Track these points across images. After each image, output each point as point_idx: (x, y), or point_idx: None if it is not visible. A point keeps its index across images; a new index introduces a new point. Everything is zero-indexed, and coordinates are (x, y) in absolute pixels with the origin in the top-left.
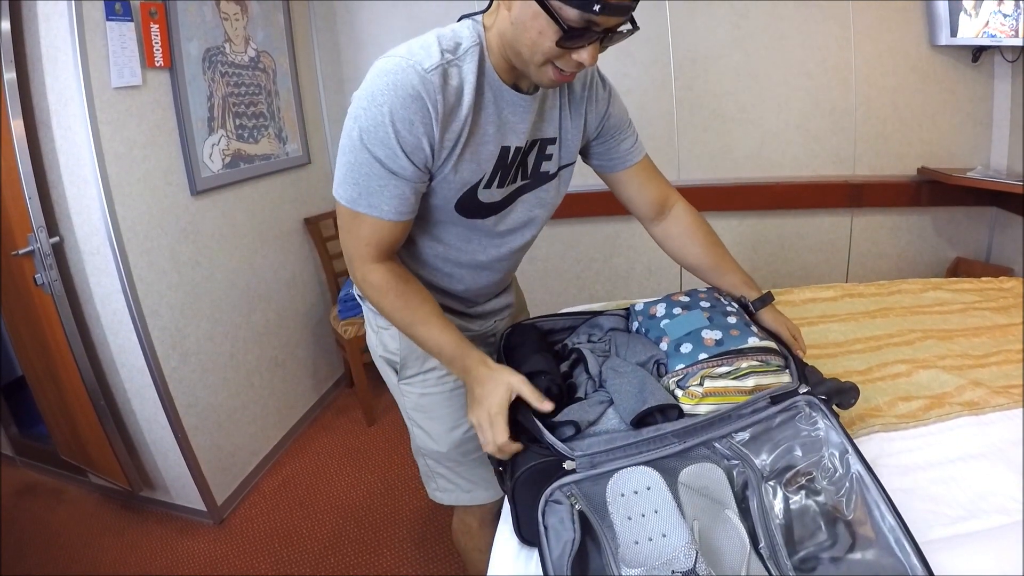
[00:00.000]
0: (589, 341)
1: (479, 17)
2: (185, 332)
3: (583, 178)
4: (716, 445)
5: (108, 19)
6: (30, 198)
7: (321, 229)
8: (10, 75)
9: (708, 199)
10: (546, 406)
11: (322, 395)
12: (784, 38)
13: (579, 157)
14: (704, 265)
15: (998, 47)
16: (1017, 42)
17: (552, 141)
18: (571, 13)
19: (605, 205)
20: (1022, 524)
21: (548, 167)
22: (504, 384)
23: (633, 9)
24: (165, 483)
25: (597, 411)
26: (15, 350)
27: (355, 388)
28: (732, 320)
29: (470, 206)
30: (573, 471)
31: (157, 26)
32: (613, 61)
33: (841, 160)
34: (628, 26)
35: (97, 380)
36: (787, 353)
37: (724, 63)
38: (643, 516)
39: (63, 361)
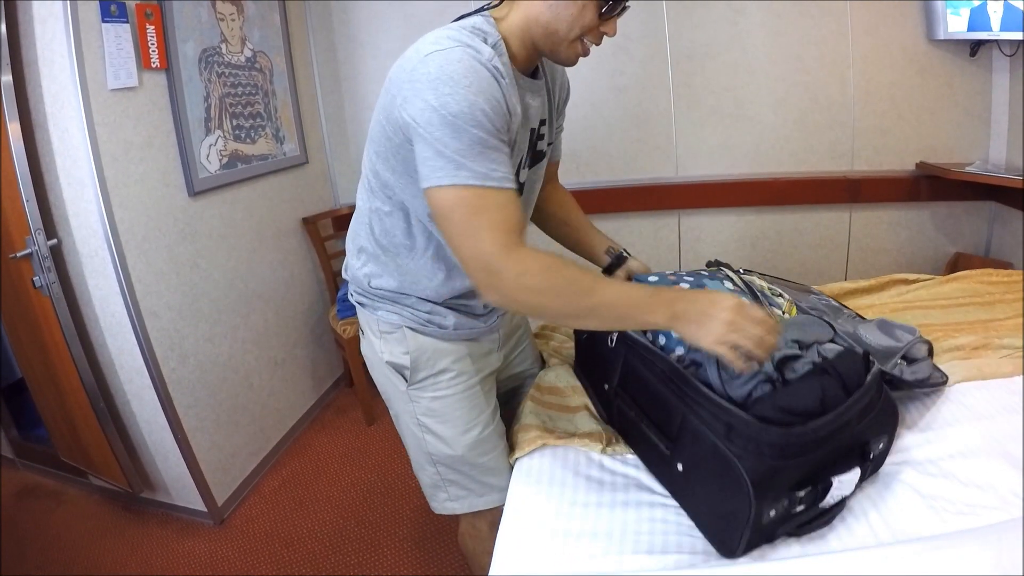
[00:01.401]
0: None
1: (487, 13)
2: (184, 333)
3: (582, 176)
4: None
5: (104, 21)
6: (27, 200)
7: (319, 228)
8: (6, 78)
9: (706, 196)
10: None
11: (321, 395)
12: (781, 34)
13: None
14: (571, 222)
15: (996, 41)
16: (1016, 35)
17: (544, 122)
18: None
19: (605, 203)
20: (1022, 519)
21: (542, 145)
22: (713, 292)
23: None
24: (165, 484)
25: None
26: (14, 352)
27: (355, 388)
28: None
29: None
30: None
31: (153, 27)
32: (610, 58)
33: (839, 155)
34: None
35: (96, 382)
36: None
37: (721, 59)
38: None
39: (62, 363)
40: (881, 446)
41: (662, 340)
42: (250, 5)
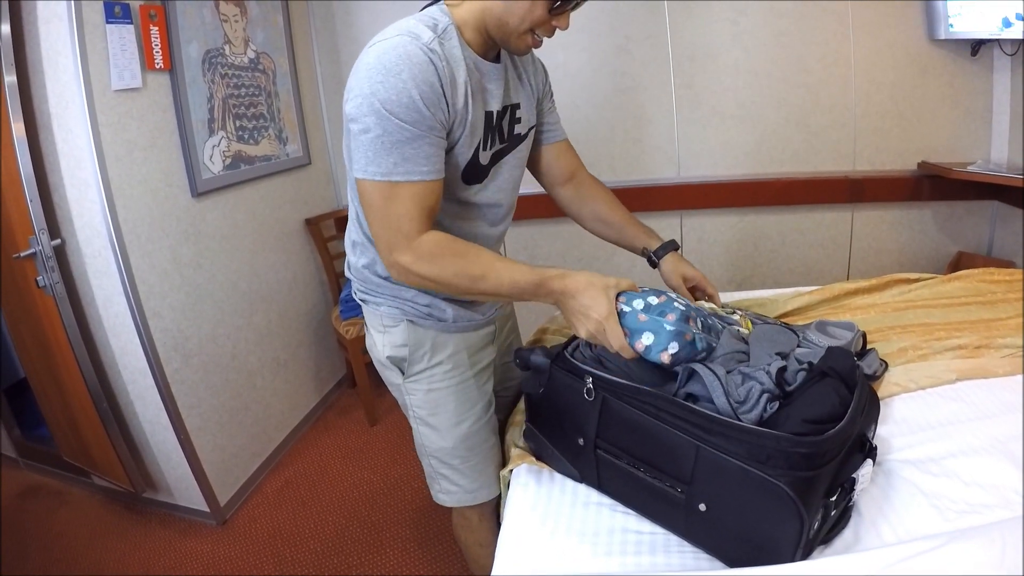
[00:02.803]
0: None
1: (442, 3)
2: (187, 333)
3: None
4: None
5: (108, 22)
6: (31, 200)
7: (322, 230)
8: (11, 78)
9: (708, 196)
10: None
11: (324, 396)
12: (782, 34)
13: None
14: (609, 219)
15: (997, 40)
16: (1016, 35)
17: (518, 106)
18: None
19: None
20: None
21: (519, 129)
22: (601, 288)
23: None
24: (168, 484)
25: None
26: (17, 352)
27: (357, 388)
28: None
29: (473, 171)
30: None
31: (157, 28)
32: (612, 59)
33: (841, 156)
34: None
35: (99, 382)
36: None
37: (723, 60)
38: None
39: (65, 363)
40: (871, 434)
41: (647, 341)
42: (253, 6)
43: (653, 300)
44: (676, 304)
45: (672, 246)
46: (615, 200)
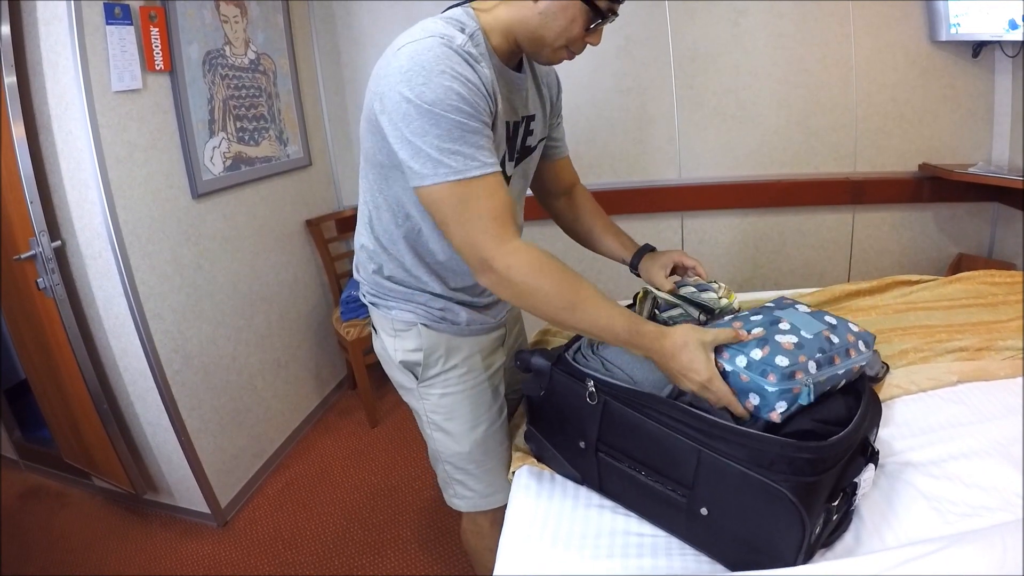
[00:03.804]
0: None
1: (467, 6)
2: (187, 335)
3: (585, 178)
4: None
5: (108, 23)
6: (32, 202)
7: (323, 231)
8: (11, 79)
9: (710, 197)
10: (742, 335)
11: (325, 397)
12: (783, 35)
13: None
14: (592, 232)
15: (999, 42)
16: (1018, 36)
17: (532, 118)
18: (603, 2)
19: (608, 205)
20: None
21: (531, 141)
22: (698, 346)
23: None
24: (168, 486)
25: None
26: (18, 354)
27: (358, 390)
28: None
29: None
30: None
31: (157, 29)
32: (613, 60)
33: (842, 157)
34: None
35: (100, 383)
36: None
37: (724, 61)
38: None
39: (66, 364)
40: (874, 438)
41: (755, 401)
42: (254, 7)
43: (757, 354)
44: (779, 359)
45: (646, 249)
46: (602, 215)
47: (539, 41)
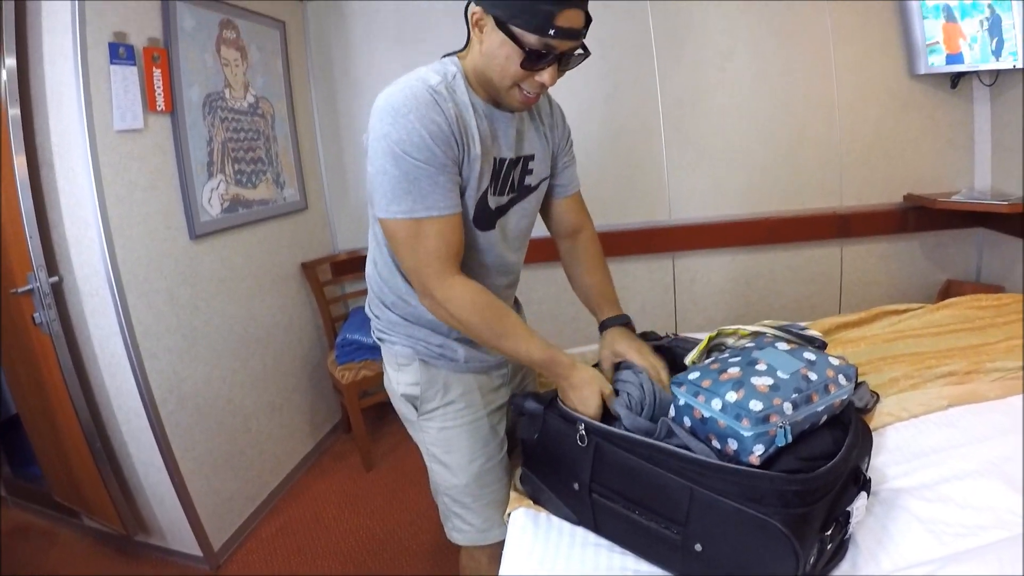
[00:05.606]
0: None
1: (454, 56)
2: (183, 376)
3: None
4: None
5: (112, 62)
6: (31, 237)
7: (318, 274)
8: (14, 111)
9: (700, 237)
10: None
11: (319, 440)
12: (767, 76)
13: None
14: (582, 284)
15: (975, 72)
16: (993, 66)
17: (532, 158)
18: (531, 38)
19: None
20: (1022, 538)
21: (530, 180)
22: (597, 390)
23: (584, 35)
24: (161, 527)
25: None
26: (11, 388)
27: (352, 433)
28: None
29: (483, 215)
30: None
31: (159, 71)
32: (601, 104)
33: (828, 192)
34: (581, 51)
35: (93, 421)
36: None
37: (710, 103)
38: None
39: (59, 401)
40: (866, 467)
41: (733, 446)
42: (254, 52)
43: (732, 397)
44: (753, 403)
45: (619, 320)
46: (598, 271)
47: (489, 82)
